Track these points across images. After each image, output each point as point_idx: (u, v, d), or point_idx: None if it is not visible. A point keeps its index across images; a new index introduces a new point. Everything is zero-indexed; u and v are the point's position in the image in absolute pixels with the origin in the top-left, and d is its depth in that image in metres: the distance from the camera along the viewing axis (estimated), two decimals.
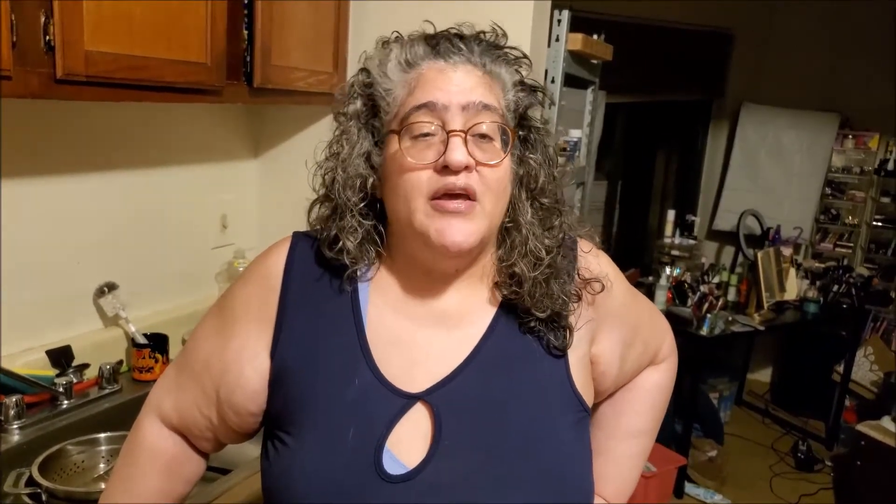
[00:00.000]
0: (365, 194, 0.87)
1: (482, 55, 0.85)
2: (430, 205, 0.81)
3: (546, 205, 0.89)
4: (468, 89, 0.82)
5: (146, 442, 0.97)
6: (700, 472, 3.62)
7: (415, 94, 0.83)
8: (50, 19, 1.20)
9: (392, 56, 0.86)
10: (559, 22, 2.12)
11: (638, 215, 5.27)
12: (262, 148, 2.30)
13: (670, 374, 1.11)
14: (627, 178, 5.14)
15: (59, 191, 1.70)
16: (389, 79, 0.85)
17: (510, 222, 0.88)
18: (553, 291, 0.87)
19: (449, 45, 0.84)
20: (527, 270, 0.86)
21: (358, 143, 0.87)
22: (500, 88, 0.87)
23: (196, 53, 1.53)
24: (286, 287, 0.90)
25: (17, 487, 1.35)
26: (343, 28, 2.04)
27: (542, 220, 0.89)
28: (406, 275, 0.89)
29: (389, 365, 0.85)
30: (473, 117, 0.82)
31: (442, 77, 0.83)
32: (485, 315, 0.89)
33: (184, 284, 2.09)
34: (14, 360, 1.60)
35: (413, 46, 0.85)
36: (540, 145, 0.90)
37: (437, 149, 0.81)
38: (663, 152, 5.33)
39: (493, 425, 0.84)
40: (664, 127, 5.12)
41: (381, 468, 0.81)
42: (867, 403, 4.16)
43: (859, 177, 4.67)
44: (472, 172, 0.81)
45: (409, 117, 0.82)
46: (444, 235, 0.80)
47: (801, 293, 4.10)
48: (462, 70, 0.84)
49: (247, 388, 0.89)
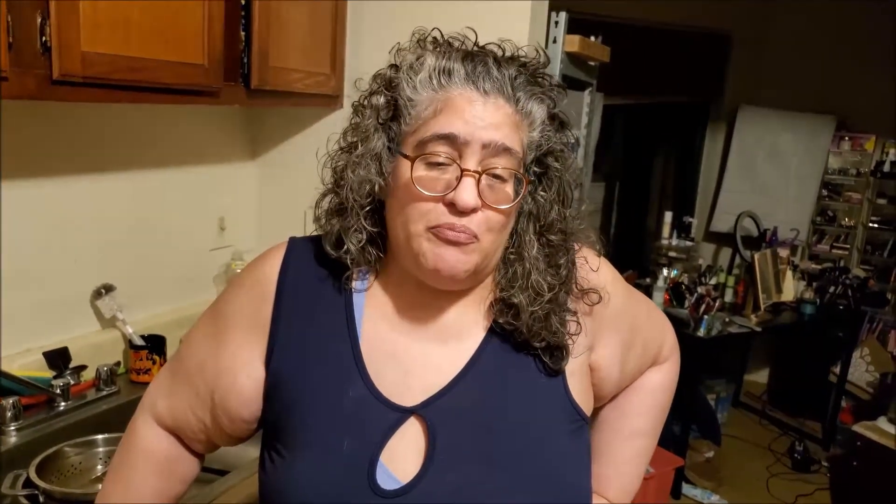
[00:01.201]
0: (372, 198, 0.85)
1: (518, 89, 0.81)
2: (430, 232, 0.80)
3: (554, 242, 0.87)
4: (493, 126, 0.79)
5: (141, 442, 0.98)
6: (697, 473, 3.63)
7: (438, 120, 0.79)
8: (46, 20, 1.20)
9: (425, 66, 0.81)
10: (556, 23, 2.12)
11: (635, 217, 5.27)
12: (260, 150, 2.29)
13: (672, 374, 1.10)
14: (625, 179, 5.14)
15: (56, 193, 1.70)
16: (417, 91, 0.81)
17: (514, 254, 0.87)
18: (552, 325, 0.85)
19: (485, 71, 0.80)
20: (525, 303, 0.84)
21: (372, 142, 0.84)
22: (528, 126, 0.83)
23: (193, 55, 1.53)
24: (280, 295, 0.89)
25: (14, 489, 1.34)
26: (340, 29, 2.04)
27: (547, 257, 0.86)
28: (401, 287, 0.88)
29: (383, 378, 0.85)
30: (491, 158, 0.79)
31: (470, 108, 0.79)
32: (479, 329, 0.88)
33: (181, 286, 2.09)
34: (11, 362, 1.60)
35: (449, 61, 0.81)
36: (556, 184, 0.87)
37: (448, 182, 0.79)
38: (661, 154, 5.33)
39: (488, 439, 0.83)
40: (662, 129, 5.12)
41: (374, 483, 0.80)
42: (863, 404, 4.17)
43: (856, 178, 4.68)
44: (476, 214, 0.79)
45: (428, 145, 0.79)
46: (438, 261, 0.79)
47: (798, 294, 4.11)
48: (492, 104, 0.80)
49: (241, 395, 0.89)
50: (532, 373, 0.87)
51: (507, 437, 0.84)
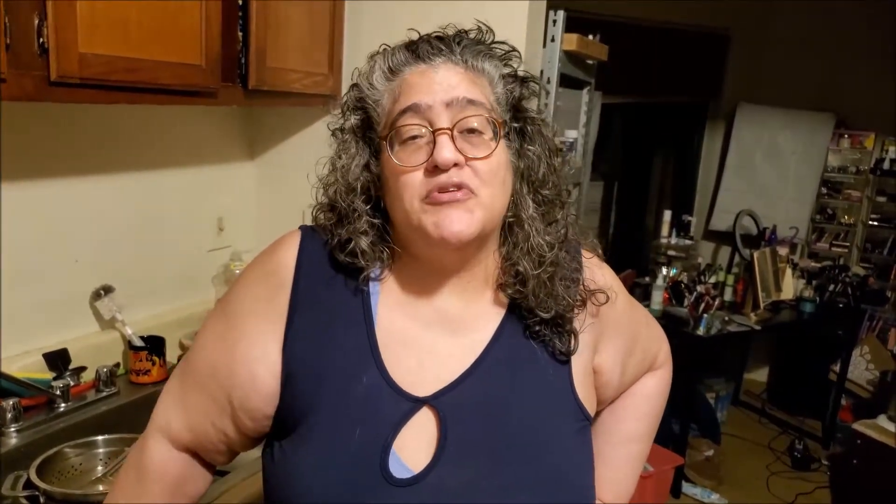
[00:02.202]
0: (369, 197, 0.87)
1: (463, 52, 0.85)
2: (425, 203, 0.81)
3: (548, 196, 0.89)
4: (451, 87, 0.83)
5: (153, 464, 0.94)
6: (697, 472, 3.63)
7: (399, 100, 0.84)
8: (43, 21, 1.20)
9: (376, 67, 0.87)
10: (554, 22, 2.13)
11: (634, 216, 5.27)
12: (258, 150, 2.30)
13: (666, 380, 1.12)
14: (624, 178, 5.14)
15: (55, 194, 1.70)
16: (376, 89, 0.86)
17: (512, 217, 0.88)
18: (557, 291, 0.88)
19: (428, 47, 0.85)
20: (530, 268, 0.86)
21: (357, 154, 0.88)
22: (487, 83, 0.86)
23: (191, 55, 1.53)
24: (297, 283, 0.88)
25: (14, 490, 1.34)
26: (338, 29, 2.04)
27: (544, 215, 0.89)
28: (412, 277, 0.89)
29: (397, 367, 0.85)
30: (459, 113, 0.82)
31: (424, 79, 0.84)
32: (491, 321, 0.89)
33: (180, 287, 2.09)
34: (11, 364, 1.60)
35: (394, 54, 0.86)
36: (538, 136, 0.89)
37: (427, 150, 0.81)
38: (660, 153, 5.33)
39: (497, 432, 0.84)
40: (660, 127, 5.13)
41: (386, 471, 0.80)
42: (863, 402, 4.17)
43: (855, 176, 4.68)
44: (463, 168, 0.81)
45: (397, 122, 0.83)
46: (443, 227, 0.80)
47: (798, 293, 4.11)
48: (443, 69, 0.84)
49: (262, 391, 0.87)
50: (542, 368, 0.89)
51: (516, 434, 0.85)
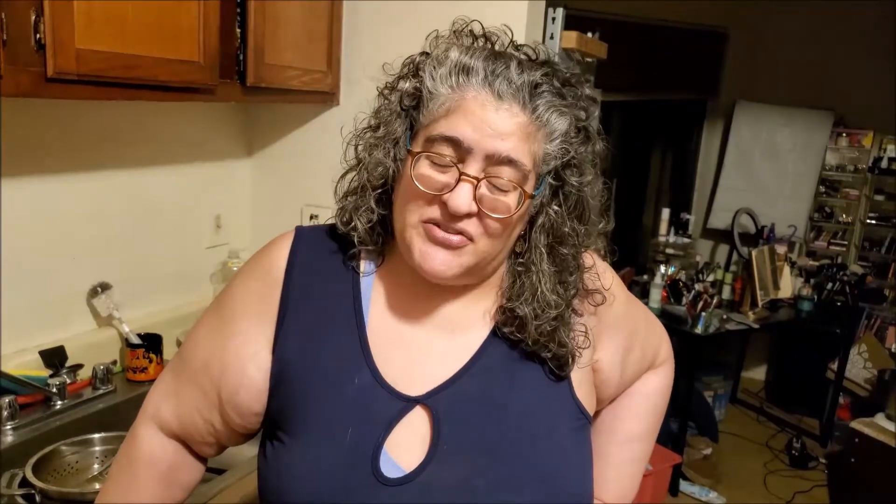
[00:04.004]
0: (385, 181, 0.86)
1: (537, 97, 0.78)
2: (422, 226, 0.80)
3: (565, 256, 0.85)
4: (500, 135, 0.76)
5: (144, 451, 0.95)
6: (695, 470, 3.63)
7: (449, 120, 0.78)
8: (40, 18, 1.19)
9: (448, 60, 0.80)
10: (553, 20, 2.12)
11: (633, 214, 5.27)
12: (256, 147, 2.29)
13: (668, 378, 1.10)
14: (622, 176, 5.13)
15: (51, 190, 1.69)
16: (437, 84, 0.80)
17: (521, 265, 0.86)
18: (559, 338, 0.85)
19: (505, 73, 0.78)
20: (531, 316, 0.84)
21: (393, 126, 0.84)
22: (544, 137, 0.80)
23: (189, 52, 1.52)
24: (289, 282, 0.88)
25: (10, 488, 1.34)
26: (336, 27, 2.04)
27: (557, 272, 0.85)
28: (407, 275, 0.87)
29: (389, 366, 0.85)
30: (493, 168, 0.77)
31: (481, 113, 0.77)
32: (486, 322, 0.88)
33: (178, 284, 2.08)
34: (7, 361, 1.60)
35: (471, 59, 0.79)
36: (573, 198, 0.84)
37: (447, 183, 0.78)
38: (658, 151, 5.33)
39: (492, 431, 0.84)
40: (659, 125, 5.12)
41: (378, 471, 0.80)
42: (861, 401, 4.18)
43: (853, 175, 4.69)
44: (472, 218, 0.78)
45: (434, 144, 0.79)
46: (425, 261, 0.79)
47: (796, 291, 4.11)
48: (506, 111, 0.77)
49: (251, 388, 0.88)
50: (537, 369, 0.87)
51: (510, 432, 0.84)
